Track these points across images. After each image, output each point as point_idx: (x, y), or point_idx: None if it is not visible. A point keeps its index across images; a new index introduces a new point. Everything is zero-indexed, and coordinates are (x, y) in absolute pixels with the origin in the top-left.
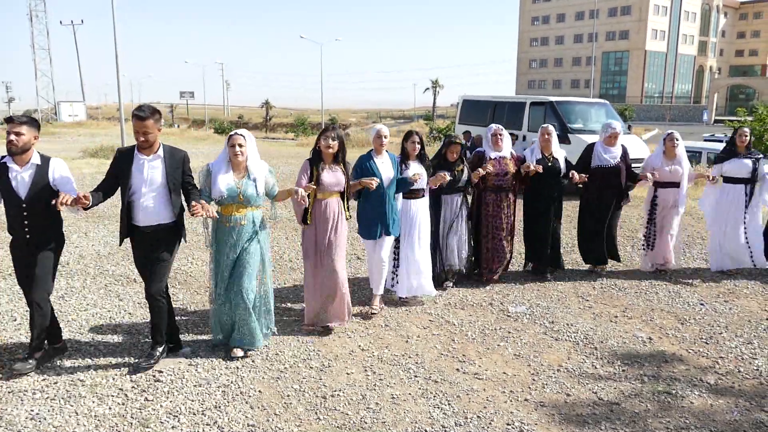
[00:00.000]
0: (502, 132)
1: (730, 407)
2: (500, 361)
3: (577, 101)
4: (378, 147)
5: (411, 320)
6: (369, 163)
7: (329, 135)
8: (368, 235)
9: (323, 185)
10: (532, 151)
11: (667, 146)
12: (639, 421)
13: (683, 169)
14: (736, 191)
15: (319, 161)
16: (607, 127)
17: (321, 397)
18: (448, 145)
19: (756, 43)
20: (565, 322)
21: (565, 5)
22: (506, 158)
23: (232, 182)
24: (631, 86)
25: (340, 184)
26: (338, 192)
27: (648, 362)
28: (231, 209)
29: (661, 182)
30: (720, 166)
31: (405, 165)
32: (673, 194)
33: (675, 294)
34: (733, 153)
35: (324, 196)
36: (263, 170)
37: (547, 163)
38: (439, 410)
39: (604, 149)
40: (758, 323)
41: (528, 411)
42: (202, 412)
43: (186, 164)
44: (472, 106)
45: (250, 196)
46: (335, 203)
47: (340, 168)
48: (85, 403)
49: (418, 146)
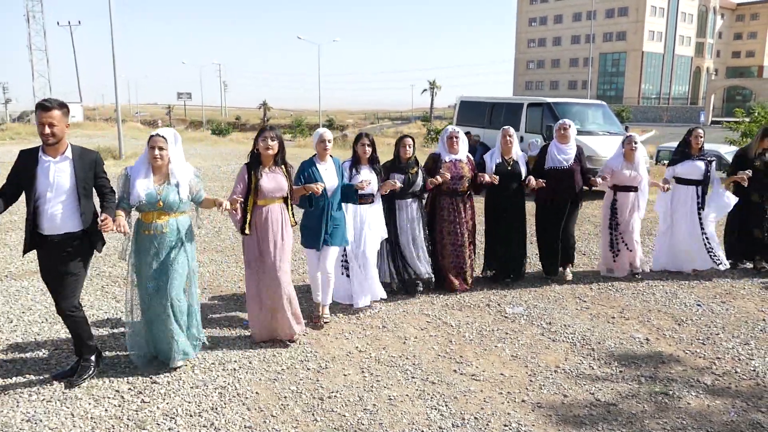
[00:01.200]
0: (459, 134)
1: (727, 408)
2: (497, 362)
3: (575, 102)
4: (321, 152)
5: (408, 321)
6: (311, 169)
7: (268, 135)
8: (309, 245)
9: (263, 191)
10: (491, 155)
11: (626, 150)
12: (636, 422)
13: (642, 172)
14: (688, 193)
15: (257, 165)
16: (558, 124)
17: (318, 399)
18: (398, 143)
19: (753, 44)
20: (563, 323)
21: (563, 6)
22: (462, 161)
23: (151, 187)
24: (628, 87)
25: (282, 189)
26: (281, 198)
27: (645, 363)
28: (151, 216)
29: (620, 186)
30: (672, 168)
31: (356, 169)
32: (633, 198)
33: (672, 295)
34: (686, 155)
35: (265, 203)
36: (187, 174)
37: (507, 166)
38: (436, 411)
39: (559, 149)
40: (755, 324)
41: (525, 412)
42: (199, 414)
43: (99, 166)
44: (470, 107)
45: (172, 203)
46: (278, 210)
47: (281, 171)
48: (81, 404)
49: (369, 149)
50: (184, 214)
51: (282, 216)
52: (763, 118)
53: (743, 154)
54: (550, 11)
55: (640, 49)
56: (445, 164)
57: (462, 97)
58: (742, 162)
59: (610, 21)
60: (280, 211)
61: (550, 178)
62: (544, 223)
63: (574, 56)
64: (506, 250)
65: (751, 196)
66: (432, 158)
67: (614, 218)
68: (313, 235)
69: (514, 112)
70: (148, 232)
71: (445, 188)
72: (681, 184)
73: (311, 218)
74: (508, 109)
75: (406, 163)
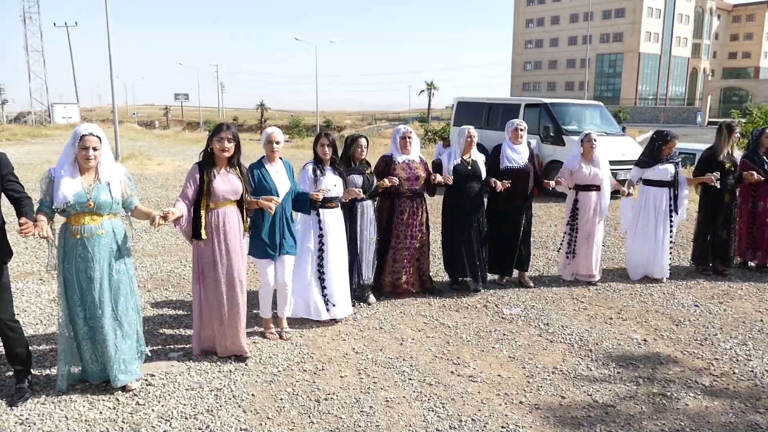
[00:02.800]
0: (412, 134)
1: (725, 409)
2: (495, 363)
3: (572, 103)
4: (270, 153)
5: (405, 323)
6: (260, 171)
7: (225, 136)
8: (261, 255)
9: (217, 193)
10: (449, 155)
11: (584, 147)
12: (634, 423)
13: (602, 171)
14: (659, 195)
15: (211, 166)
16: (510, 123)
17: (314, 401)
18: (351, 143)
19: (749, 45)
20: (560, 324)
21: (560, 8)
22: (415, 162)
23: (79, 187)
24: (625, 88)
25: (236, 192)
26: (235, 201)
27: (643, 364)
28: (82, 218)
29: (581, 185)
30: (642, 170)
31: (320, 171)
32: (594, 198)
33: (669, 295)
34: (656, 158)
35: (218, 206)
36: (118, 174)
37: (467, 167)
38: (433, 413)
39: (512, 149)
40: (753, 324)
41: (523, 413)
42: (195, 416)
43: (5, 168)
44: (467, 107)
45: (104, 203)
46: (233, 213)
47: (235, 173)
48: (75, 407)
49: (329, 150)
50: (118, 216)
51: (236, 220)
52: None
53: (711, 155)
54: (548, 13)
55: (636, 50)
56: (398, 166)
57: (459, 97)
58: (709, 163)
59: (607, 22)
60: (236, 215)
61: (505, 178)
62: (498, 225)
63: (572, 57)
64: (468, 255)
65: (723, 197)
66: (383, 160)
67: (574, 219)
68: (265, 244)
69: (512, 113)
70: (78, 235)
71: (404, 190)
72: (652, 186)
73: (261, 226)
74: (505, 109)
75: (361, 164)
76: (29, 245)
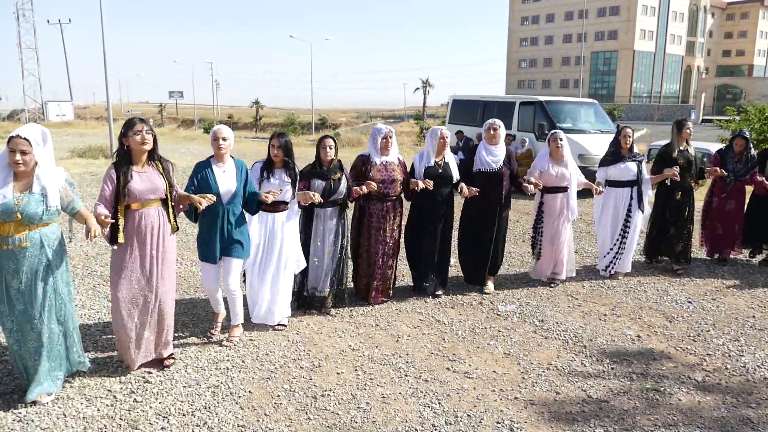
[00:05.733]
0: (393, 135)
1: (718, 404)
2: (490, 359)
3: (567, 101)
4: (217, 152)
5: (401, 319)
6: (206, 171)
7: (140, 128)
8: (204, 257)
9: (134, 193)
10: (421, 157)
11: (552, 147)
12: (627, 419)
13: (570, 171)
14: (622, 195)
15: (127, 164)
16: (486, 123)
17: (311, 397)
18: (320, 143)
19: (743, 43)
20: (555, 320)
21: (555, 5)
22: (394, 163)
23: (9, 197)
24: (619, 86)
25: (158, 190)
26: (158, 200)
27: (636, 360)
28: (8, 228)
29: (548, 187)
30: (606, 169)
31: (268, 173)
32: (561, 200)
33: (663, 292)
34: (618, 156)
35: (139, 206)
36: (57, 180)
37: (438, 169)
38: (429, 409)
39: (488, 151)
40: (745, 321)
41: (518, 409)
42: (192, 413)
43: None
44: (462, 105)
45: (32, 215)
46: (155, 214)
47: (156, 169)
48: (73, 404)
49: (280, 152)
50: (51, 224)
51: (161, 221)
52: (755, 117)
53: (666, 152)
54: (542, 10)
55: (631, 47)
56: (375, 167)
57: (454, 95)
58: (665, 160)
59: (602, 20)
60: (158, 216)
61: (477, 181)
62: (471, 230)
63: (566, 55)
64: (430, 259)
65: (675, 194)
66: (361, 160)
67: (540, 222)
68: (207, 247)
69: (507, 111)
70: (6, 246)
71: (376, 193)
72: (615, 187)
73: (206, 227)
74: (500, 107)
75: (328, 168)
76: None
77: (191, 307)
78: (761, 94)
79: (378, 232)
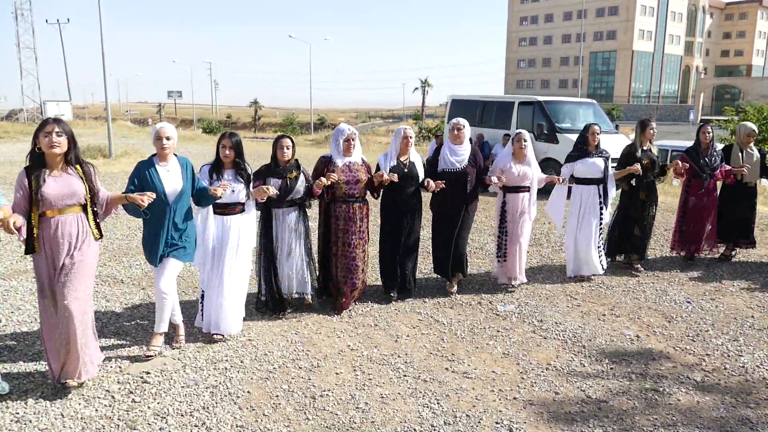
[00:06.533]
0: (356, 136)
1: (716, 404)
2: (489, 359)
3: (566, 101)
4: (160, 151)
5: (400, 320)
6: (149, 171)
7: (50, 129)
8: (149, 259)
9: (48, 199)
10: (386, 156)
11: (515, 147)
12: (627, 419)
13: (532, 171)
14: (589, 193)
15: (40, 167)
16: (452, 123)
17: (310, 397)
18: (277, 142)
19: (741, 43)
20: (554, 320)
21: (553, 5)
22: (357, 164)
23: None
24: (618, 86)
25: (76, 195)
26: (77, 205)
27: (635, 360)
28: None
29: (510, 186)
30: (572, 165)
31: (218, 175)
32: (523, 200)
33: (662, 292)
34: (585, 152)
35: (54, 213)
36: None
37: (403, 169)
38: (428, 409)
39: (452, 150)
40: (744, 321)
41: (517, 409)
42: (191, 414)
43: None
44: (461, 105)
45: None
46: (73, 221)
47: (75, 173)
48: (71, 404)
49: (231, 152)
50: None
51: (80, 228)
52: (753, 117)
53: (629, 152)
54: (541, 10)
55: (630, 48)
56: (338, 169)
57: (453, 95)
58: (628, 158)
59: (601, 20)
60: (77, 223)
61: (442, 181)
62: (437, 230)
63: (565, 55)
64: (393, 260)
65: (638, 193)
66: (322, 162)
67: (504, 222)
68: (149, 249)
69: (506, 111)
70: None
71: (341, 194)
72: (582, 184)
73: (149, 229)
74: (499, 107)
75: (285, 167)
76: None
77: (190, 307)
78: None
79: (346, 235)
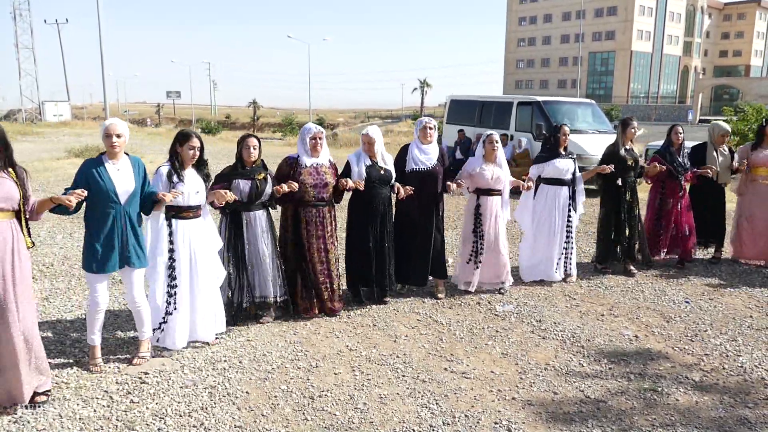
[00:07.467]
0: (323, 135)
1: (715, 404)
2: (488, 360)
3: (564, 101)
4: (109, 149)
5: (399, 320)
6: (98, 169)
7: None
8: (95, 268)
9: None
10: (358, 156)
11: (486, 149)
12: (625, 419)
13: (505, 174)
14: (559, 194)
15: None
16: (419, 121)
17: (309, 398)
18: (240, 143)
19: (740, 43)
20: (552, 320)
21: (552, 6)
22: (325, 165)
23: None
24: (617, 86)
25: (9, 199)
26: (9, 211)
27: (634, 360)
28: None
29: (483, 189)
30: (541, 166)
31: (179, 177)
32: (496, 202)
33: (661, 292)
34: (555, 153)
35: None
36: None
37: (379, 171)
38: (426, 409)
39: (420, 149)
40: (742, 321)
41: (515, 409)
42: (189, 414)
43: None
44: (460, 105)
45: None
46: (6, 228)
47: (8, 176)
48: (69, 405)
49: (192, 151)
50: None
51: (12, 236)
52: (752, 117)
53: (612, 151)
54: (540, 11)
55: (628, 48)
56: (305, 170)
57: (452, 95)
58: (611, 158)
59: (600, 20)
60: (10, 230)
61: (411, 181)
62: (409, 232)
63: (564, 55)
64: (368, 264)
65: (624, 195)
66: (288, 163)
67: (479, 226)
68: (100, 255)
69: (504, 111)
70: None
71: (310, 198)
72: (550, 185)
73: (98, 232)
74: (498, 107)
75: (252, 168)
76: None
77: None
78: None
79: (318, 241)
